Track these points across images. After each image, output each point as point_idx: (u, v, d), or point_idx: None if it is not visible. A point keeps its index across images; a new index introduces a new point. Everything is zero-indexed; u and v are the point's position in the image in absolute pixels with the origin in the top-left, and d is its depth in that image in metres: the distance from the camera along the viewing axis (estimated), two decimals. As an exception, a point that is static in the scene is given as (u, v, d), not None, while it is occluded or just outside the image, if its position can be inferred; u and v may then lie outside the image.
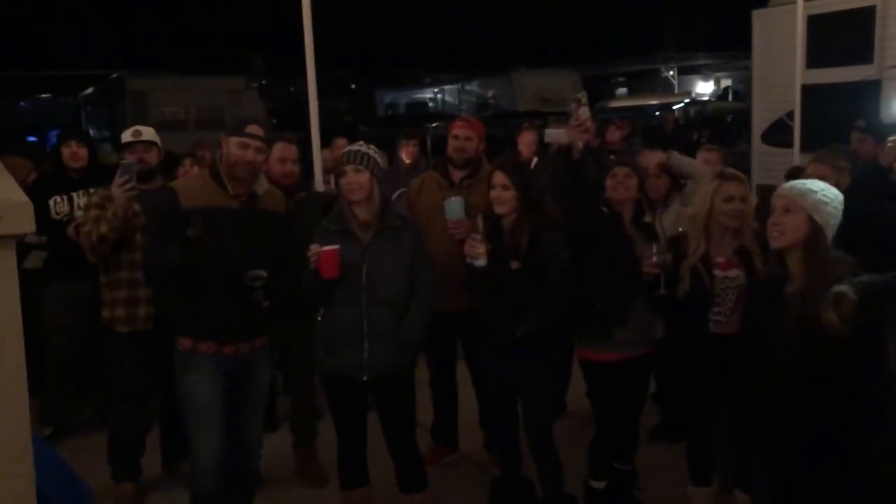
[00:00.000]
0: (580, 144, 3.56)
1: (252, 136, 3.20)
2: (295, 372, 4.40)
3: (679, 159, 4.31)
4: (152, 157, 4.17)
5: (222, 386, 3.27)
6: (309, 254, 3.25)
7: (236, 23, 33.02)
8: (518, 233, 3.45)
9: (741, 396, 2.92)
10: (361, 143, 3.49)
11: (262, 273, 3.16)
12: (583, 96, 3.86)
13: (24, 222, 1.28)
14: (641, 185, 3.70)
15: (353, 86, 35.15)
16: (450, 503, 4.06)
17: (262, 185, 3.35)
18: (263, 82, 25.91)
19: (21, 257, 3.98)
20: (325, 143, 6.43)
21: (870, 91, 6.88)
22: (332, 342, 3.38)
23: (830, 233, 2.58)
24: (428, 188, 4.28)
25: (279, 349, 4.23)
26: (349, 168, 3.33)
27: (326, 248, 3.24)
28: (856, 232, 2.80)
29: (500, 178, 3.47)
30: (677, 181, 4.32)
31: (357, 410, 3.50)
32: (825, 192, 2.61)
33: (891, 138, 2.93)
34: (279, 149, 4.01)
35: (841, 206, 2.62)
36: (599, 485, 3.78)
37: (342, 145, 6.51)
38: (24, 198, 1.33)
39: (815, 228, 2.55)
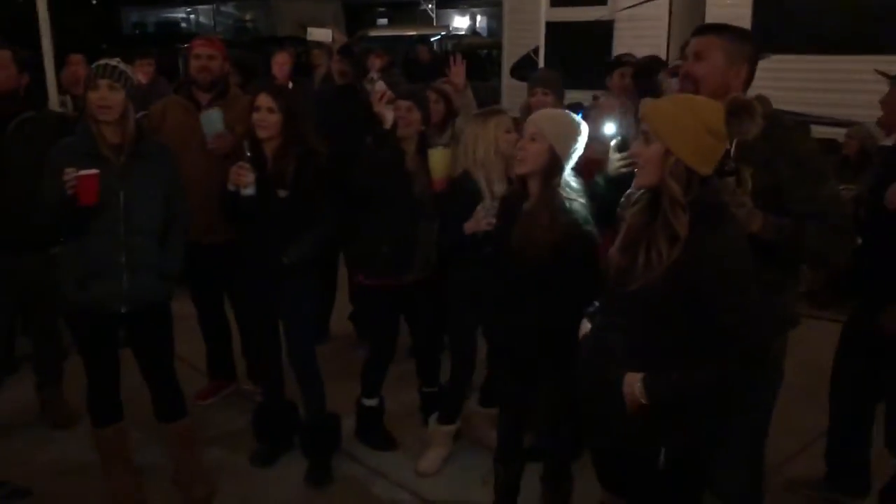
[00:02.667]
0: (390, 115, 3.54)
1: None
2: (35, 310, 4.08)
3: None
4: None
5: None
6: (65, 178, 2.93)
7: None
8: (284, 160, 3.40)
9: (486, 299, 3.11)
10: (118, 59, 3.20)
11: None
12: (373, 75, 4.00)
13: None
14: (426, 118, 3.73)
15: (93, 1, 31.95)
16: (213, 433, 4.05)
17: None
18: (-16, -9, 22.78)
19: None
20: (61, 62, 5.89)
21: (603, 30, 7.49)
22: (85, 275, 3.14)
23: (570, 162, 2.80)
24: (173, 113, 4.02)
25: (16, 287, 3.89)
26: (103, 83, 3.04)
27: (84, 172, 2.95)
28: None
29: (264, 100, 3.37)
30: (453, 110, 4.33)
31: (110, 345, 3.32)
32: (572, 124, 2.82)
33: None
34: None
35: (583, 140, 2.83)
36: (371, 402, 3.94)
37: (77, 62, 5.99)
38: None
39: (554, 158, 2.76)
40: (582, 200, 2.79)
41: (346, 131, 4.57)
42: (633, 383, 2.20)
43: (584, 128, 2.85)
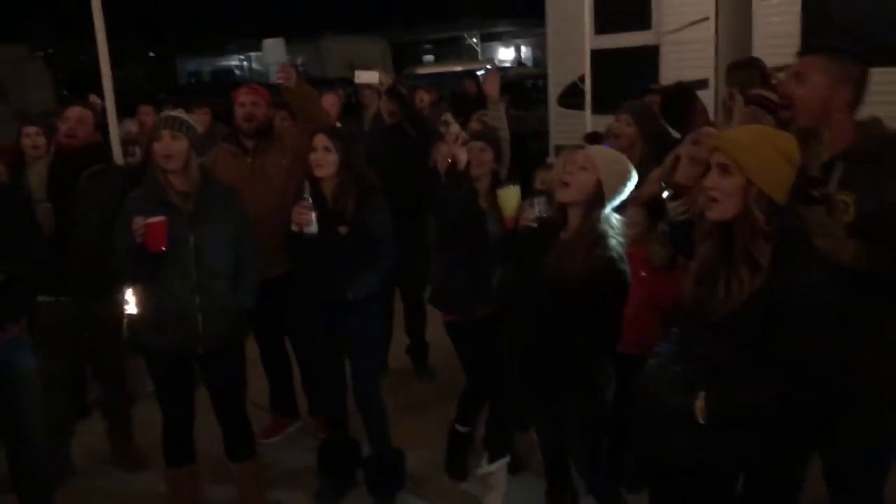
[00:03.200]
0: (463, 156, 3.65)
1: None
2: (102, 355, 4.20)
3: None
4: None
5: None
6: (133, 227, 3.08)
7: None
8: (343, 197, 3.47)
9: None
10: (180, 109, 3.38)
11: None
12: (447, 117, 4.09)
13: None
14: (498, 157, 3.79)
15: (150, 53, 33.20)
16: (278, 470, 4.09)
17: None
18: (49, 51, 23.90)
19: None
20: (126, 114, 6.14)
21: (649, 56, 7.48)
22: (161, 318, 3.28)
23: (612, 203, 2.84)
24: (222, 162, 4.15)
25: (83, 332, 4.03)
26: (165, 133, 3.20)
27: (152, 219, 3.10)
28: None
29: (321, 140, 3.47)
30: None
31: (186, 386, 3.44)
32: (625, 167, 2.87)
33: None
34: (74, 113, 3.88)
35: (631, 185, 2.88)
36: (463, 429, 3.96)
37: (147, 112, 6.24)
38: None
39: (599, 192, 2.81)
40: (620, 239, 2.82)
41: (395, 169, 4.65)
42: (696, 403, 2.20)
43: (635, 176, 2.89)
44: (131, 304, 3.52)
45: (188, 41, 30.15)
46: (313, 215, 3.37)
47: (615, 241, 2.80)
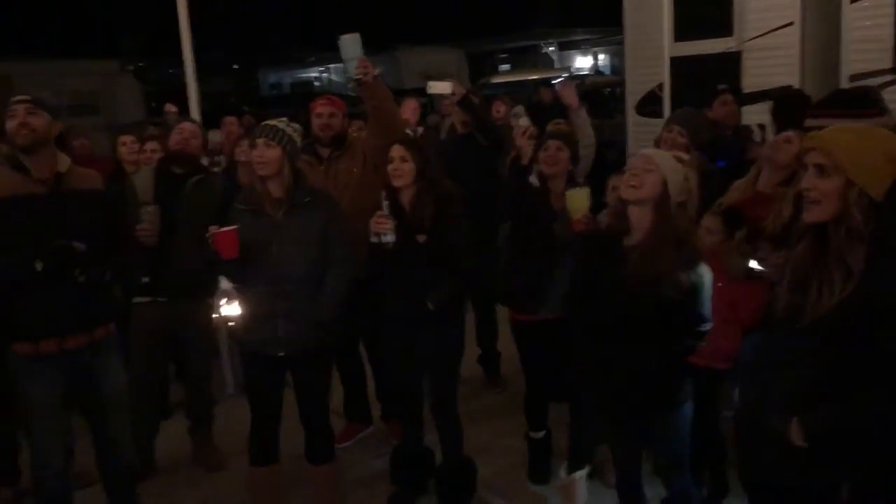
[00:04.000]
0: (529, 150, 3.65)
1: (16, 102, 3.04)
2: (188, 356, 4.34)
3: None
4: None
5: (62, 387, 3.17)
6: (206, 235, 3.24)
7: (106, 3, 31.45)
8: (421, 206, 3.49)
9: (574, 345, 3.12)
10: (284, 119, 3.48)
11: (73, 245, 2.99)
12: (519, 110, 4.13)
13: None
14: (574, 157, 3.76)
15: (234, 66, 34.26)
16: (351, 474, 4.14)
17: (64, 163, 3.18)
18: (140, 65, 24.89)
19: None
20: (211, 125, 6.36)
21: (730, 62, 7.31)
22: (249, 319, 3.43)
23: (673, 201, 2.78)
24: None
25: (171, 333, 4.16)
26: (260, 141, 3.32)
27: (223, 228, 3.23)
28: None
29: (398, 150, 3.50)
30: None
31: (273, 387, 3.53)
32: (682, 168, 2.83)
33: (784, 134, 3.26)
34: (189, 127, 4.17)
35: (686, 185, 2.82)
36: (538, 435, 3.97)
37: (232, 122, 6.46)
38: None
39: (666, 190, 2.76)
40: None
41: (467, 179, 4.67)
42: (792, 426, 2.14)
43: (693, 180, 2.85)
44: (231, 307, 3.66)
45: (270, 54, 31.01)
46: (391, 223, 3.41)
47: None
